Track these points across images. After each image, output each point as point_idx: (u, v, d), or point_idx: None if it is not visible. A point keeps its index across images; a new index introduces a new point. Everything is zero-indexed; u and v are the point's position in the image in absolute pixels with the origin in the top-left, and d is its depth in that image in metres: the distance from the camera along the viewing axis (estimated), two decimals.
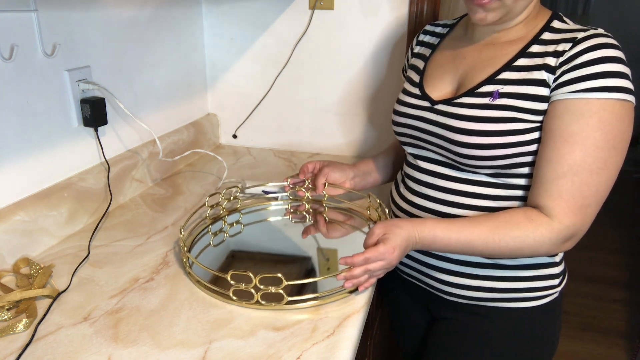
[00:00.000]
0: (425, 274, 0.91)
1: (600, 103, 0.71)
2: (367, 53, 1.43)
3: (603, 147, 0.71)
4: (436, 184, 0.87)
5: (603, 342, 2.19)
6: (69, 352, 0.70)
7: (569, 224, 0.74)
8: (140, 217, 1.12)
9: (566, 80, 0.73)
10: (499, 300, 0.86)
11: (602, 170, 0.72)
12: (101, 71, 1.11)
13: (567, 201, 0.73)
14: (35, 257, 0.94)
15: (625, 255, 2.88)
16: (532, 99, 0.76)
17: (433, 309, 0.97)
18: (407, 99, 0.91)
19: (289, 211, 1.16)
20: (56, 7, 0.97)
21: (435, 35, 0.97)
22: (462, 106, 0.81)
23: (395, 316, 1.10)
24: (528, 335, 0.87)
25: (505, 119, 0.77)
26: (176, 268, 0.91)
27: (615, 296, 2.50)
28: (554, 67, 0.74)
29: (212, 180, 1.35)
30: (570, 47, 0.74)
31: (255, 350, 0.71)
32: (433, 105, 0.85)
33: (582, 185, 0.72)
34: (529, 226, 0.74)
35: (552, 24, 0.80)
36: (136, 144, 1.25)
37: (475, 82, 0.81)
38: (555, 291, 0.87)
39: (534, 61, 0.77)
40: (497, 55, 0.82)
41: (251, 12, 1.49)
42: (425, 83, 0.90)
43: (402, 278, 0.99)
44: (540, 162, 0.76)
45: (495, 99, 0.78)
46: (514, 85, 0.77)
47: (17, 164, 0.93)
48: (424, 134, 0.87)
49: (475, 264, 0.85)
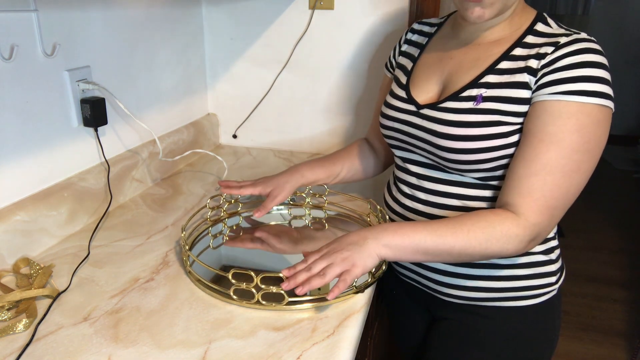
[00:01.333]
0: (422, 275, 0.91)
1: (578, 106, 0.71)
2: (367, 53, 1.43)
3: (578, 150, 0.71)
4: (425, 187, 0.87)
5: (603, 342, 2.19)
6: (69, 352, 0.70)
7: (535, 222, 0.73)
8: (140, 217, 1.12)
9: (547, 82, 0.73)
10: (497, 299, 0.86)
11: (575, 173, 0.72)
12: (101, 71, 1.11)
13: (536, 200, 0.72)
14: (35, 257, 0.94)
15: (625, 255, 2.88)
16: (514, 101, 0.76)
17: (433, 310, 0.97)
18: (394, 102, 0.91)
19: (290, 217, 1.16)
20: (56, 7, 0.97)
21: (423, 35, 0.96)
22: (446, 111, 0.80)
23: (395, 316, 1.10)
24: (528, 333, 0.87)
25: (489, 122, 0.76)
26: (176, 268, 0.91)
27: (615, 296, 2.50)
28: (536, 69, 0.74)
29: (212, 180, 1.35)
30: (552, 50, 0.74)
31: (255, 350, 0.71)
32: (419, 110, 0.85)
33: (553, 185, 0.72)
34: (495, 218, 0.73)
35: (536, 27, 0.79)
36: (136, 144, 1.25)
37: (459, 85, 0.81)
38: (553, 289, 0.87)
39: (516, 64, 0.77)
40: (481, 57, 0.81)
41: (251, 12, 1.49)
42: (412, 85, 0.90)
43: (401, 279, 0.99)
44: (514, 160, 0.76)
45: (478, 103, 0.78)
46: (497, 89, 0.77)
47: (17, 164, 0.93)
48: (411, 138, 0.87)
49: (471, 264, 0.85)
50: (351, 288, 0.83)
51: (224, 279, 0.81)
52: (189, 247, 0.97)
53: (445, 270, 0.87)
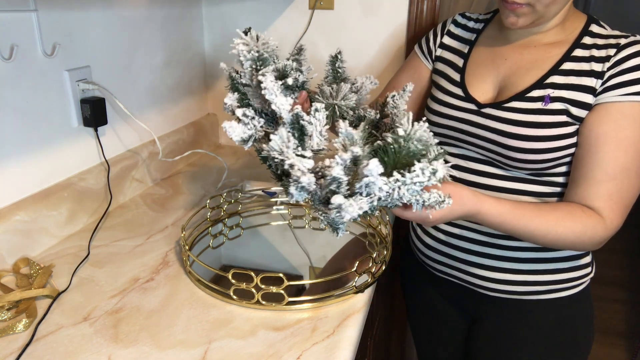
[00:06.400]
0: (465, 271, 0.92)
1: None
2: (367, 53, 1.43)
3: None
4: (478, 182, 0.87)
5: (603, 342, 2.19)
6: (69, 352, 0.70)
7: (617, 224, 0.76)
8: (140, 217, 1.12)
9: (615, 84, 0.74)
10: (541, 292, 0.88)
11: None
12: (101, 71, 1.11)
13: (617, 203, 0.75)
14: (35, 257, 0.94)
15: (625, 255, 2.88)
16: (580, 105, 0.77)
17: (471, 307, 0.97)
18: (448, 99, 0.90)
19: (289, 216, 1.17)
20: (56, 7, 0.97)
21: (469, 30, 0.95)
22: (513, 111, 0.81)
23: (423, 322, 1.10)
24: (570, 321, 0.91)
25: (557, 123, 0.78)
26: (176, 268, 0.91)
27: (615, 296, 2.50)
28: (601, 72, 0.76)
29: (212, 180, 1.35)
30: (615, 52, 0.75)
31: (255, 350, 0.71)
32: (480, 109, 0.85)
33: (630, 187, 0.75)
34: (588, 222, 0.75)
35: (591, 28, 0.81)
36: (136, 144, 1.25)
37: (522, 86, 0.81)
38: (588, 278, 0.92)
39: (580, 66, 0.78)
40: (540, 58, 0.82)
41: (251, 12, 1.49)
42: (467, 83, 0.89)
43: (434, 276, 0.99)
44: (589, 163, 0.76)
45: (547, 103, 0.78)
46: (564, 90, 0.78)
47: (17, 164, 0.93)
48: (469, 136, 0.86)
49: (516, 259, 0.87)
50: (351, 288, 0.83)
51: (224, 279, 0.81)
52: (189, 247, 0.97)
53: (491, 265, 0.88)
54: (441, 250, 0.93)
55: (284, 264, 0.97)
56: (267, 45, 0.73)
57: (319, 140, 0.67)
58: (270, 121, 0.74)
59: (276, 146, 0.65)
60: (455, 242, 0.91)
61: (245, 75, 0.74)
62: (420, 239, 0.98)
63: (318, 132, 0.67)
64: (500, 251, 0.87)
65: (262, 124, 0.74)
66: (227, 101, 0.76)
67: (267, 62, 0.73)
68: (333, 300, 0.81)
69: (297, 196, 0.63)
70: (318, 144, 0.67)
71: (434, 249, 0.95)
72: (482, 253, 0.88)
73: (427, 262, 0.99)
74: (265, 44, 0.73)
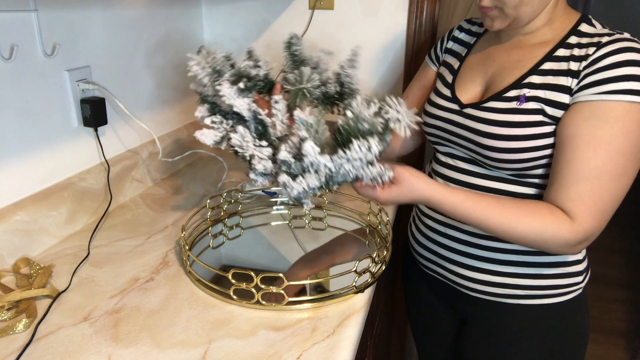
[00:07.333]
0: (448, 269, 0.92)
1: (624, 108, 0.70)
2: (367, 53, 1.43)
3: (624, 153, 0.71)
4: (463, 181, 0.88)
5: (603, 342, 2.19)
6: (69, 352, 0.70)
7: (588, 228, 0.74)
8: (140, 217, 1.12)
9: (589, 83, 0.72)
10: (524, 297, 0.87)
11: (622, 177, 0.72)
12: (101, 71, 1.11)
13: (588, 205, 0.73)
14: (35, 257, 0.94)
15: (625, 255, 2.88)
16: (555, 105, 0.76)
17: (458, 307, 0.97)
18: (438, 100, 0.91)
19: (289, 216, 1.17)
20: (56, 7, 0.97)
21: (471, 34, 0.96)
22: (489, 110, 0.81)
23: (418, 312, 1.10)
24: (557, 330, 0.89)
25: (532, 122, 0.77)
26: (176, 268, 0.91)
27: (615, 296, 2.50)
28: (577, 71, 0.74)
29: (212, 180, 1.35)
30: (594, 50, 0.73)
31: (255, 350, 0.71)
32: (462, 109, 0.86)
33: (602, 190, 0.72)
34: (552, 221, 0.74)
35: (580, 28, 0.79)
36: (136, 144, 1.25)
37: (502, 86, 0.82)
38: (578, 287, 0.88)
39: (559, 65, 0.77)
40: (524, 58, 0.82)
41: (251, 12, 1.49)
42: (457, 85, 0.90)
43: (426, 273, 1.00)
44: (560, 163, 0.75)
45: (522, 103, 0.78)
46: (540, 90, 0.77)
47: (17, 164, 0.93)
48: (453, 136, 0.87)
49: (496, 261, 0.86)
50: (351, 288, 0.83)
51: (224, 279, 0.81)
52: (189, 247, 0.97)
53: (471, 265, 0.88)
54: (431, 248, 0.94)
55: (284, 264, 0.97)
56: (215, 60, 0.83)
57: (281, 127, 0.79)
58: (239, 120, 0.83)
59: (237, 142, 0.78)
60: (442, 241, 0.91)
61: (209, 88, 0.84)
62: (414, 237, 0.99)
63: (280, 121, 0.79)
64: (481, 251, 0.87)
65: (231, 124, 0.84)
66: (198, 114, 0.87)
67: (222, 72, 0.84)
68: (333, 300, 0.81)
69: (260, 180, 0.76)
70: (281, 131, 0.79)
71: (425, 247, 0.96)
72: (464, 252, 0.88)
73: (420, 261, 1.00)
74: (214, 59, 0.83)
